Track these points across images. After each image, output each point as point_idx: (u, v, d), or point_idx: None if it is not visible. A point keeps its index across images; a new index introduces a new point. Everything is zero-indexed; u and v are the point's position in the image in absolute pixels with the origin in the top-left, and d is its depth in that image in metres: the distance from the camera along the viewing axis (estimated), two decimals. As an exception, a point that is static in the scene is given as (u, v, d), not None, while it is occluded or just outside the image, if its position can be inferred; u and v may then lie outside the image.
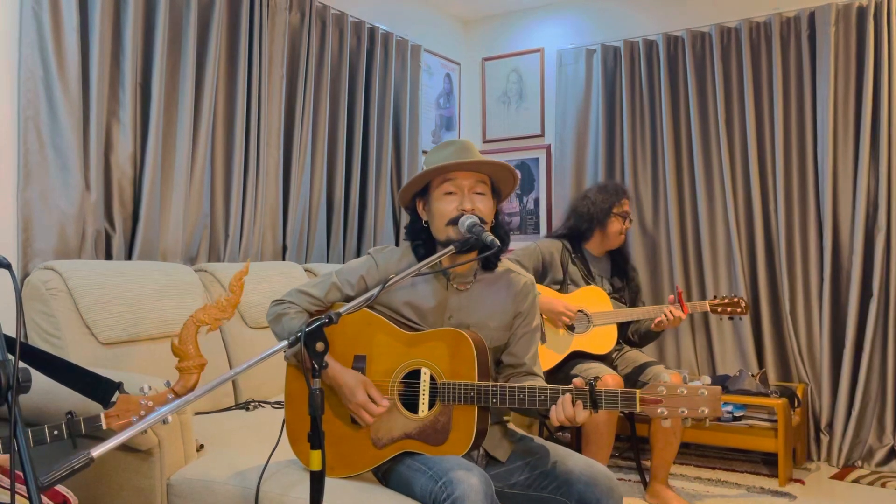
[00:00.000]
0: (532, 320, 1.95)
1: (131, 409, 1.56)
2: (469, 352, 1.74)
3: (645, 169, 4.22)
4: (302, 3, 3.55)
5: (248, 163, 3.27)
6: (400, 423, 1.78)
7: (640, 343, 3.26)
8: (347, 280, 1.91)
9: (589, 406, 1.61)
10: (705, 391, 1.52)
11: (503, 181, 1.90)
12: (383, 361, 1.82)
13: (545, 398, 1.66)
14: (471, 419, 1.71)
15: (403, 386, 1.80)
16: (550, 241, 3.27)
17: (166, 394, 1.63)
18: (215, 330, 1.81)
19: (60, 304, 2.37)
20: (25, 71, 2.50)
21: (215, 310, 1.79)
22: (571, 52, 4.45)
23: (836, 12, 3.65)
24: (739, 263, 3.89)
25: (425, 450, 1.74)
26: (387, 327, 1.84)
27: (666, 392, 1.54)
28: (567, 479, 1.74)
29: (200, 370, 1.70)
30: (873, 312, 3.56)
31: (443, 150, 1.87)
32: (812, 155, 3.77)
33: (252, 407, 2.73)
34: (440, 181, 1.84)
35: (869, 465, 3.61)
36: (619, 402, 1.59)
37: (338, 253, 3.80)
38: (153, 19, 2.88)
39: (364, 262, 1.94)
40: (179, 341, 1.73)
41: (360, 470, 1.81)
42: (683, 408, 1.53)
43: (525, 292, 1.93)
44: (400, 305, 1.88)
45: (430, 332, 1.81)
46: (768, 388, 3.53)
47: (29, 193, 2.52)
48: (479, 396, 1.70)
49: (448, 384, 1.73)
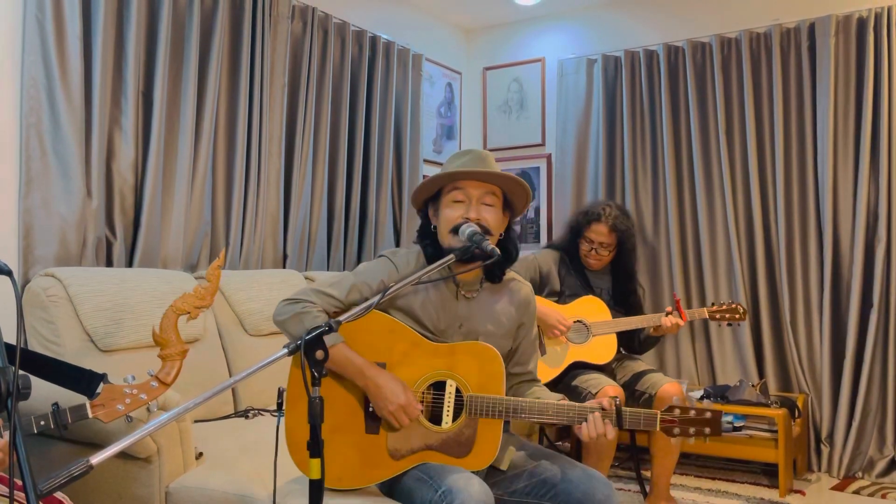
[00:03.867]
0: (533, 328, 2.00)
1: (116, 397, 1.58)
2: (498, 367, 1.78)
3: (645, 178, 4.22)
4: (304, 12, 3.56)
5: (249, 171, 3.28)
6: (420, 434, 1.77)
7: (641, 349, 3.26)
8: (367, 282, 1.86)
9: (615, 424, 1.71)
10: (709, 413, 1.73)
11: (516, 196, 1.88)
12: (405, 371, 1.80)
13: (574, 415, 1.74)
14: (497, 433, 1.76)
15: (426, 397, 1.80)
16: (548, 252, 3.28)
17: (149, 381, 1.64)
18: (195, 318, 1.82)
19: (60, 310, 2.37)
20: (28, 78, 2.51)
21: (194, 298, 1.80)
22: (572, 62, 4.47)
23: (836, 23, 3.66)
24: (740, 273, 3.89)
25: (447, 462, 1.74)
26: (410, 336, 1.83)
27: (679, 414, 1.72)
28: (565, 487, 1.75)
29: (182, 357, 1.72)
30: (873, 323, 3.56)
31: (459, 158, 1.87)
32: (812, 165, 3.77)
33: (251, 415, 2.73)
34: (450, 188, 1.84)
35: (869, 476, 3.60)
36: (641, 422, 1.74)
37: (338, 261, 3.80)
38: (156, 27, 2.89)
39: (383, 264, 1.90)
40: (160, 330, 1.74)
41: (376, 481, 1.79)
42: (693, 428, 1.72)
43: (527, 301, 1.97)
44: (418, 309, 1.86)
45: (457, 344, 1.82)
46: (768, 398, 3.52)
47: (30, 200, 2.52)
48: (509, 410, 1.75)
49: (476, 397, 1.75)
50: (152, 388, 1.62)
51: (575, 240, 3.20)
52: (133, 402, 1.58)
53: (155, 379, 1.65)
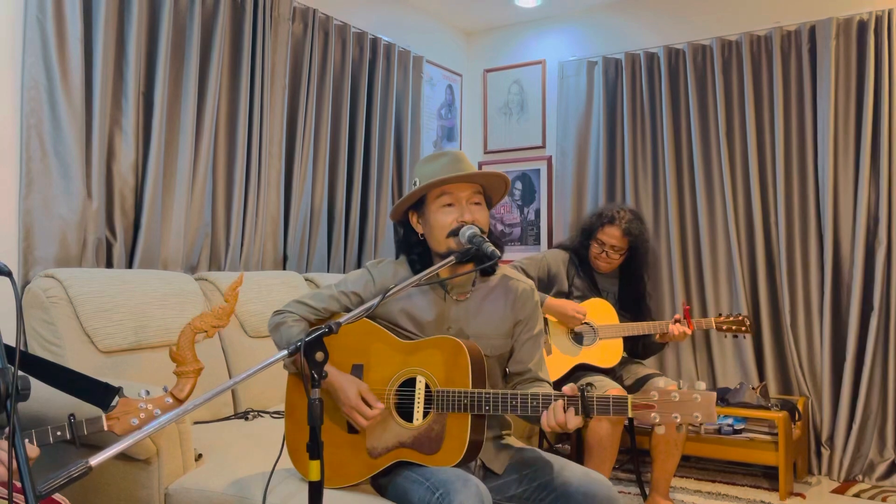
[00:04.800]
0: (534, 325, 1.95)
1: (130, 411, 1.62)
2: (463, 360, 1.73)
3: (646, 181, 4.22)
4: (305, 13, 3.56)
5: (249, 172, 3.28)
6: (394, 431, 1.77)
7: (644, 354, 3.26)
8: (344, 292, 1.93)
9: (581, 413, 1.58)
10: (698, 396, 1.48)
11: (494, 189, 1.92)
12: (380, 370, 1.82)
13: (537, 404, 1.64)
14: (464, 428, 1.70)
15: (399, 394, 1.80)
16: (557, 252, 3.28)
17: (164, 397, 1.68)
18: (212, 337, 1.90)
19: (61, 311, 2.36)
20: (29, 79, 2.51)
21: (212, 318, 1.86)
22: (573, 64, 4.47)
23: (837, 26, 3.66)
24: (740, 276, 3.89)
25: (419, 458, 1.73)
26: (384, 336, 1.84)
27: (658, 397, 1.50)
28: (565, 490, 1.73)
29: (197, 375, 1.76)
30: (874, 326, 3.56)
31: (434, 162, 1.87)
32: (813, 168, 3.77)
33: (251, 416, 2.72)
34: (437, 194, 1.85)
35: (870, 479, 3.60)
36: (611, 409, 1.55)
37: (338, 263, 3.80)
38: (157, 29, 2.89)
39: (360, 275, 1.96)
40: (178, 347, 1.79)
41: (357, 480, 1.80)
42: (676, 413, 1.48)
43: (525, 298, 1.93)
44: (397, 316, 1.89)
45: (426, 340, 1.81)
46: (769, 401, 3.52)
47: (31, 201, 2.53)
48: (472, 404, 1.69)
49: (442, 392, 1.73)
50: (167, 404, 1.66)
51: (586, 241, 3.19)
52: (147, 416, 1.62)
53: (169, 395, 1.69)
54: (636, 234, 3.11)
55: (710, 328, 3.14)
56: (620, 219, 3.10)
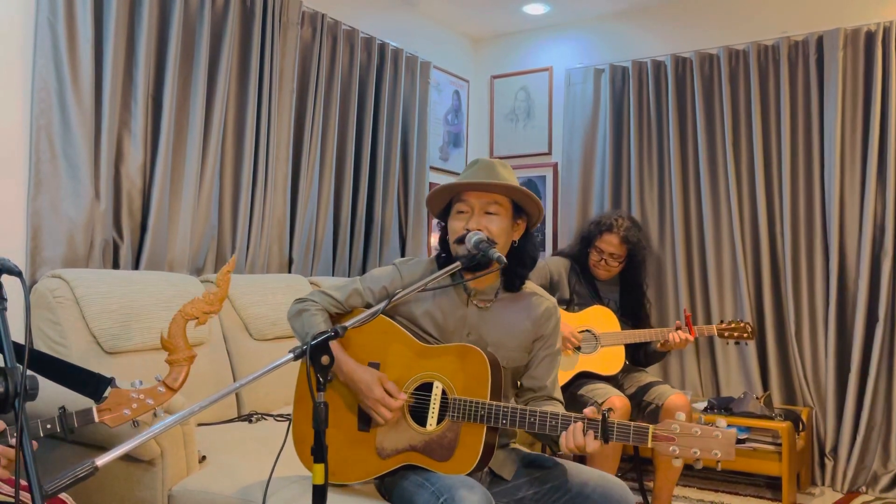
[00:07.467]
0: (554, 343, 1.95)
1: (122, 402, 1.57)
2: (483, 370, 1.73)
3: (651, 189, 4.22)
4: (314, 18, 3.58)
5: (256, 175, 3.29)
6: (406, 434, 1.77)
7: (646, 362, 3.25)
8: (369, 288, 1.93)
9: (599, 437, 1.59)
10: (719, 434, 1.47)
11: (524, 202, 1.89)
12: (396, 371, 1.81)
13: (556, 424, 1.65)
14: (478, 438, 1.70)
15: (414, 398, 1.80)
16: (559, 259, 3.28)
17: (157, 387, 1.64)
18: (203, 323, 1.84)
19: (67, 312, 2.37)
20: (39, 81, 2.53)
21: (203, 304, 1.82)
22: (580, 72, 4.48)
23: (845, 37, 3.66)
24: (745, 285, 3.89)
25: (429, 464, 1.73)
26: (403, 337, 1.84)
27: (679, 430, 1.50)
28: (581, 490, 1.73)
29: (190, 363, 1.73)
30: (879, 337, 3.55)
31: (467, 169, 1.90)
32: (819, 178, 3.77)
33: (255, 419, 2.73)
34: (456, 200, 1.88)
35: (873, 490, 3.58)
36: (631, 436, 1.56)
37: (343, 267, 3.81)
38: (166, 32, 2.91)
39: (389, 271, 1.95)
40: (169, 335, 1.75)
41: (363, 478, 1.80)
42: (696, 448, 1.48)
43: (547, 316, 1.93)
44: (420, 316, 1.88)
45: (446, 346, 1.80)
46: (772, 411, 3.51)
47: (39, 202, 2.54)
48: (490, 415, 1.69)
49: (459, 400, 1.73)
50: (159, 394, 1.63)
51: (585, 249, 3.20)
52: (140, 406, 1.58)
53: (162, 384, 1.65)
54: (634, 241, 3.11)
55: (713, 335, 3.14)
56: (619, 226, 3.10)
